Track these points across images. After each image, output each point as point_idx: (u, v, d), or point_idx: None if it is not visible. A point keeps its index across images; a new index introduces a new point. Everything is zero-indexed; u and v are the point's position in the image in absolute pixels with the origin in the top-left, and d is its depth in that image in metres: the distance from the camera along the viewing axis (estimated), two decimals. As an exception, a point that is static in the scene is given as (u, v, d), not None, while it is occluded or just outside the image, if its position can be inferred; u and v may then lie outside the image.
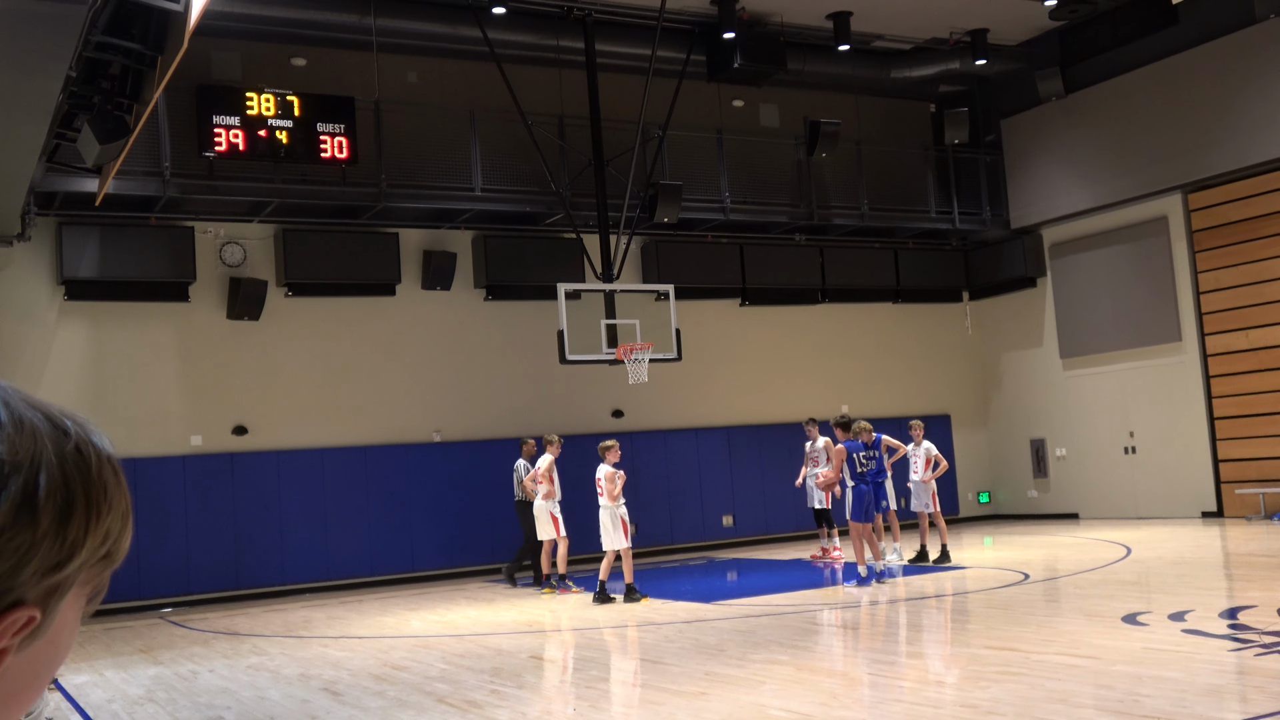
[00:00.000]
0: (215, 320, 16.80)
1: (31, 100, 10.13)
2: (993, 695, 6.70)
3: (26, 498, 0.79)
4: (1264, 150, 17.64)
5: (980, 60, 19.92)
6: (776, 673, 8.22)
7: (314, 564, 16.81)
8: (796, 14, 18.60)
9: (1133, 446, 20.10)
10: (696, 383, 19.89)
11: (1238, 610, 9.30)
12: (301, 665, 10.02)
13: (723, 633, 10.18)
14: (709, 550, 19.32)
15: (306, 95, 16.14)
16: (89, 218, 15.90)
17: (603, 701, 7.89)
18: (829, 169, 20.41)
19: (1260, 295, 18.12)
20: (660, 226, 18.87)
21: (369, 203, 16.84)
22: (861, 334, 21.85)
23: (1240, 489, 18.39)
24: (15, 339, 15.69)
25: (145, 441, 16.11)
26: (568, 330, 16.15)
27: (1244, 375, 18.39)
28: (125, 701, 8.82)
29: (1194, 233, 19.11)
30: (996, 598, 11.45)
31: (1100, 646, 8.06)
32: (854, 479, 12.83)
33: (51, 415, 0.84)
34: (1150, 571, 12.63)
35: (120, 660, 11.09)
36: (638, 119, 17.18)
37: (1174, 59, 18.90)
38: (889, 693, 7.32)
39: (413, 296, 18.04)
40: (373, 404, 17.66)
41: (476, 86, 17.99)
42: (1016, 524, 20.98)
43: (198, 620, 14.25)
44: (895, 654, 8.89)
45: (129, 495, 0.88)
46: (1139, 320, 19.84)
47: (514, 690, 8.09)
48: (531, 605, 13.40)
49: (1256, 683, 6.69)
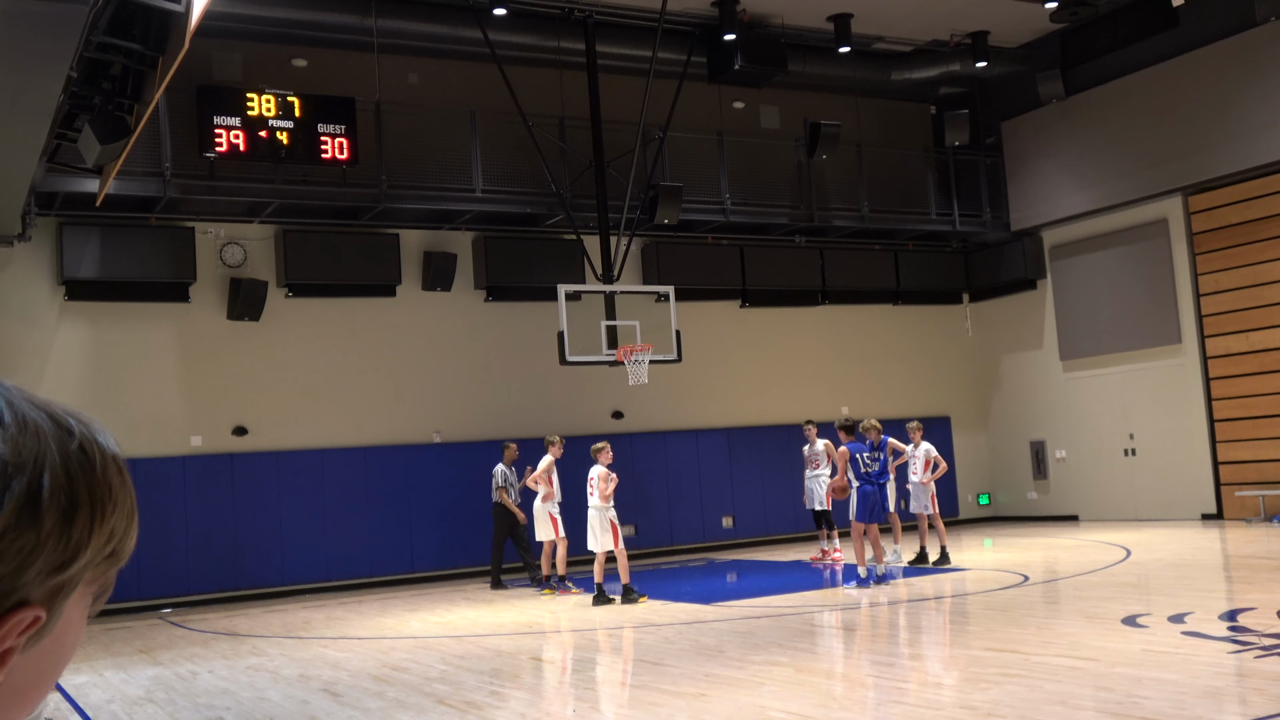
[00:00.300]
0: (215, 321, 16.81)
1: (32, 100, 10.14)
2: (992, 697, 6.70)
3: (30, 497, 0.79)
4: (1265, 153, 17.64)
5: (981, 62, 19.92)
6: (776, 674, 8.22)
7: (314, 565, 16.81)
8: (797, 16, 18.61)
9: (1133, 448, 20.10)
10: (696, 384, 19.89)
11: (1237, 612, 9.30)
12: (301, 666, 10.02)
13: (722, 634, 10.18)
14: (709, 551, 19.33)
15: (307, 96, 16.15)
16: (89, 218, 15.90)
17: (602, 703, 7.90)
18: (829, 171, 20.41)
19: (1260, 298, 18.12)
20: (660, 228, 18.87)
21: (369, 204, 16.84)
22: (862, 336, 21.85)
23: (1240, 491, 18.39)
24: (16, 339, 15.69)
25: (145, 442, 16.11)
26: (568, 331, 16.15)
27: (1244, 378, 18.39)
28: (125, 702, 8.82)
29: (1194, 235, 19.12)
30: (996, 599, 11.45)
31: (1100, 648, 8.06)
32: (859, 479, 12.82)
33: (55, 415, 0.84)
34: (1150, 573, 12.63)
35: (120, 660, 11.10)
36: (638, 120, 17.19)
37: (1174, 61, 18.91)
38: (889, 694, 7.32)
39: (413, 297, 18.04)
40: (373, 405, 17.67)
41: (477, 87, 18.00)
42: (1016, 526, 20.98)
43: (197, 621, 14.25)
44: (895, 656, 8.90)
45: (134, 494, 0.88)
46: (1139, 322, 19.84)
47: (513, 691, 8.09)
48: (531, 606, 13.40)
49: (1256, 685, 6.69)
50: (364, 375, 17.68)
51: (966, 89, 21.92)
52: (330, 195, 16.68)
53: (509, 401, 18.43)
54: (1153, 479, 19.75)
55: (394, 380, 17.88)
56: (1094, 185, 20.21)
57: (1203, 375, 19.03)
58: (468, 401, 18.23)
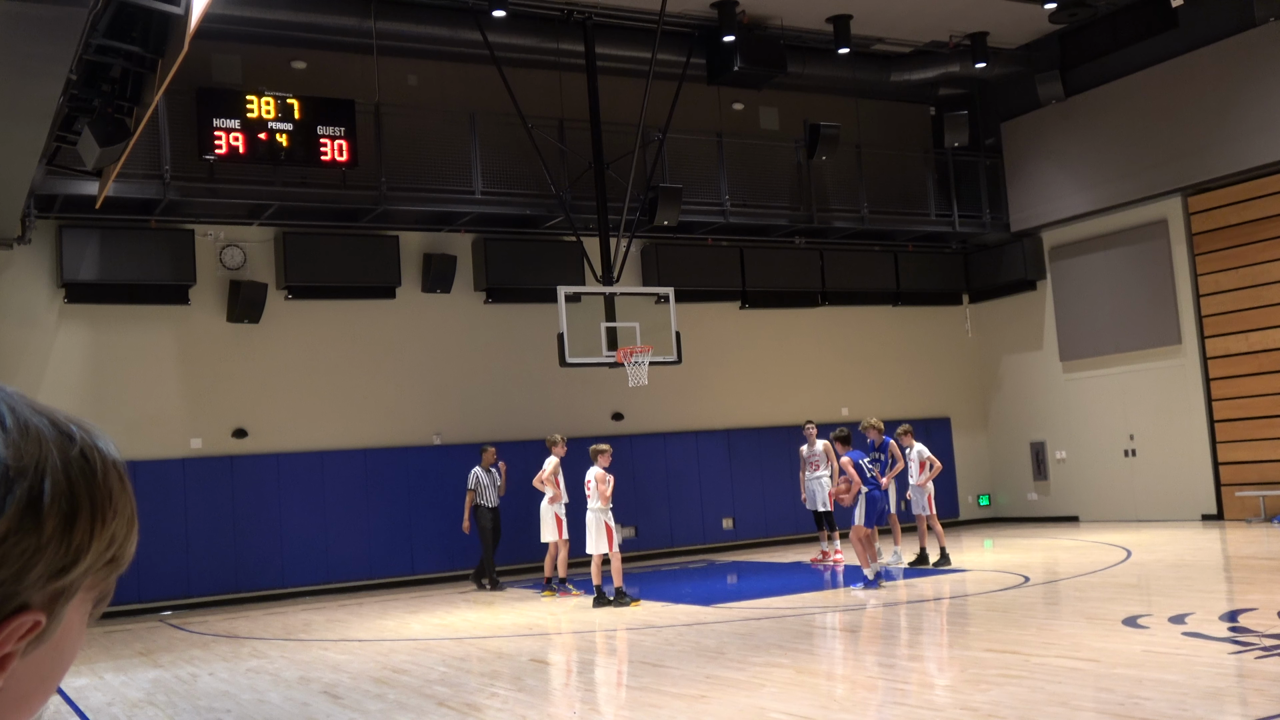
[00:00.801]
0: (215, 323, 16.81)
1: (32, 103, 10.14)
2: (993, 698, 6.69)
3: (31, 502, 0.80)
4: (1264, 153, 17.65)
5: (980, 63, 19.93)
6: (776, 676, 8.22)
7: (314, 567, 16.81)
8: (796, 17, 18.61)
9: (1133, 449, 20.10)
10: (696, 385, 19.89)
11: (1238, 613, 9.30)
12: (301, 668, 10.01)
13: (722, 635, 10.17)
14: (709, 553, 19.32)
15: (307, 98, 16.15)
16: (89, 220, 15.90)
17: (602, 704, 7.90)
18: (829, 172, 20.42)
19: (1260, 298, 18.12)
20: (660, 229, 18.88)
21: (369, 205, 16.84)
22: (861, 337, 21.85)
23: (1240, 492, 18.39)
24: (15, 342, 15.69)
25: (145, 444, 16.11)
26: (568, 333, 16.16)
27: (1244, 378, 18.39)
28: (125, 705, 8.82)
29: (1194, 236, 19.12)
30: (997, 600, 11.45)
31: (1100, 649, 8.06)
32: (866, 484, 12.74)
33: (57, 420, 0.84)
34: (1150, 574, 12.63)
35: (120, 663, 11.09)
36: (638, 122, 17.19)
37: (1174, 62, 18.91)
38: (889, 695, 7.32)
39: (413, 299, 18.05)
40: (373, 407, 17.67)
41: (477, 89, 18.00)
42: (1016, 527, 20.98)
43: (197, 623, 14.25)
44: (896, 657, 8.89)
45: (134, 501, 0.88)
46: (1139, 323, 19.85)
47: (514, 693, 8.09)
48: (531, 608, 13.40)
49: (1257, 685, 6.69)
50: (364, 377, 17.68)
51: (966, 90, 21.92)
52: (330, 197, 16.68)
53: (509, 403, 18.44)
54: (1153, 480, 19.75)
55: (394, 382, 17.88)
56: (1093, 186, 20.22)
57: (1203, 376, 19.03)
58: (468, 403, 18.23)
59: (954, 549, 17.32)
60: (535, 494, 14.85)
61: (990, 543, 18.25)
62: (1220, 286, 18.67)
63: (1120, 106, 19.73)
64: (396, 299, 17.91)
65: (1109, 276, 20.38)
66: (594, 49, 17.57)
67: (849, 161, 20.55)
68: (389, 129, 17.00)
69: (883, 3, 18.34)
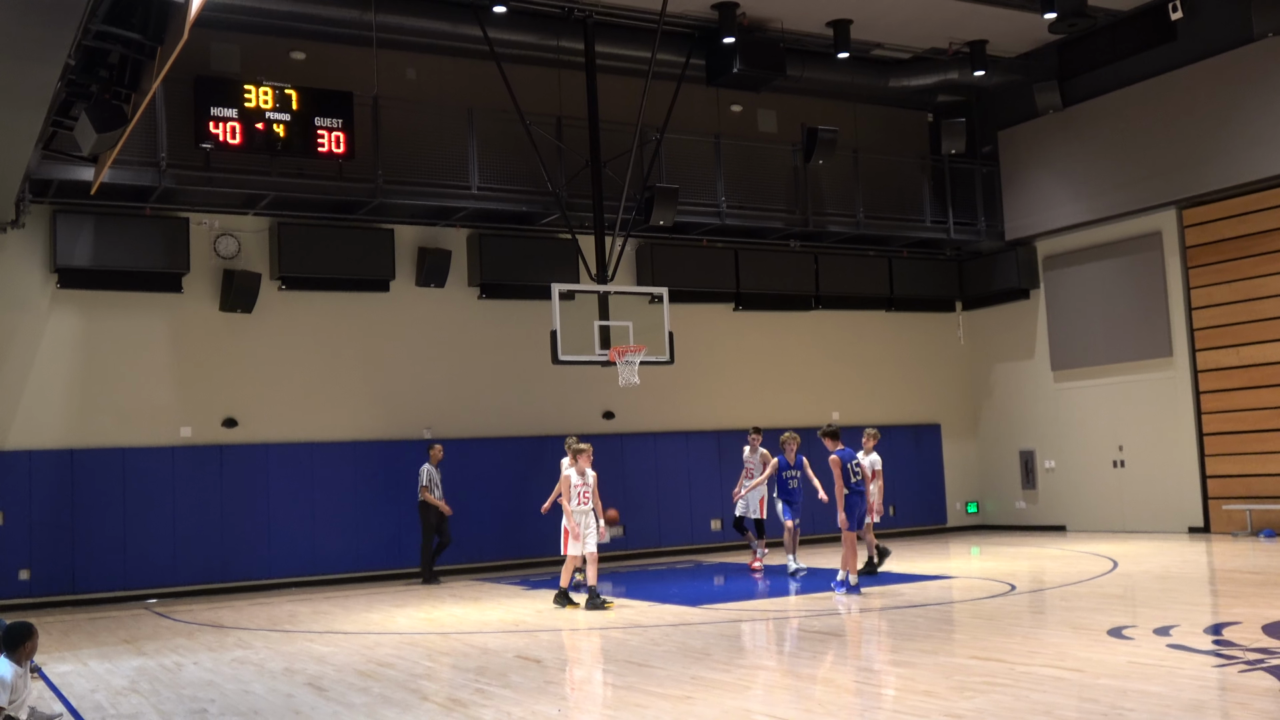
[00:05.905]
0: (208, 312, 16.78)
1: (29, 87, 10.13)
2: (977, 705, 6.71)
3: None
4: (1259, 167, 17.71)
5: (979, 71, 19.98)
6: (762, 678, 8.23)
7: (301, 558, 16.79)
8: (797, 21, 18.63)
9: (1121, 460, 20.14)
10: (688, 386, 19.91)
11: (1222, 626, 9.33)
12: (286, 659, 10.00)
13: (709, 637, 10.18)
14: (696, 554, 19.34)
15: (305, 89, 16.15)
16: (84, 206, 15.87)
17: (587, 703, 7.90)
18: (825, 176, 20.45)
19: (1252, 312, 18.18)
20: (656, 229, 18.90)
21: (365, 198, 16.84)
22: (854, 341, 21.89)
23: (1227, 505, 18.45)
24: (7, 326, 15.64)
25: (135, 432, 16.08)
26: (560, 331, 16.16)
27: (1234, 392, 18.44)
28: (109, 692, 8.80)
29: (1187, 248, 19.17)
30: (982, 608, 11.47)
31: (1085, 659, 8.08)
32: (848, 488, 12.64)
33: None
34: (1136, 585, 12.66)
35: (104, 650, 11.07)
36: (636, 121, 17.20)
37: (1171, 75, 18.97)
38: (873, 700, 7.33)
39: (406, 293, 18.04)
40: (363, 400, 17.65)
41: (475, 85, 18.00)
42: (1004, 535, 21.02)
43: (183, 612, 14.23)
44: (880, 662, 8.91)
45: None
46: (1131, 334, 19.90)
47: (499, 689, 8.09)
48: (518, 605, 13.40)
49: (1239, 699, 6.71)
50: (355, 370, 17.67)
51: (964, 98, 21.98)
52: (326, 189, 16.67)
53: (500, 399, 18.44)
54: (1141, 491, 19.80)
55: (385, 376, 17.87)
56: (1089, 197, 20.27)
57: (1193, 388, 19.08)
58: (458, 398, 18.23)
59: (941, 556, 17.36)
60: (531, 493, 14.83)
61: (977, 550, 18.28)
62: (1213, 300, 18.73)
63: (1117, 118, 19.78)
64: (390, 292, 17.90)
65: (1102, 287, 20.43)
66: (594, 47, 17.58)
67: (846, 166, 20.58)
68: (387, 122, 16.98)
69: (883, 8, 18.37)
